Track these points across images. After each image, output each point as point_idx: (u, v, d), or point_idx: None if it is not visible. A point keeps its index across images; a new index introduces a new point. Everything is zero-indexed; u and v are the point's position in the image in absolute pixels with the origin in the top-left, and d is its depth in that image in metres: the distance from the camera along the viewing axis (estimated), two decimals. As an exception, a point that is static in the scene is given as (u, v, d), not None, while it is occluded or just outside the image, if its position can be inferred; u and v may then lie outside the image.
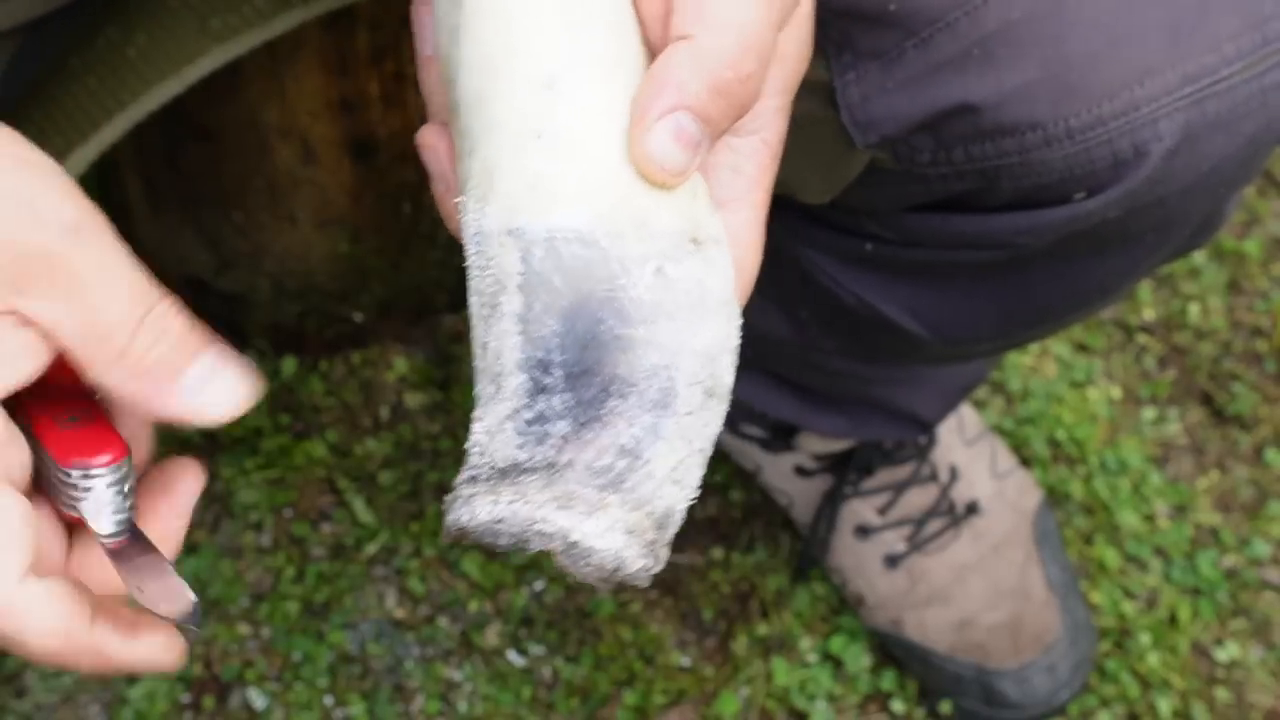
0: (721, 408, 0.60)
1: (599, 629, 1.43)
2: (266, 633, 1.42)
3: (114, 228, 0.60)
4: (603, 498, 0.57)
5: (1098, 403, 1.58)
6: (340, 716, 1.39)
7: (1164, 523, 1.52)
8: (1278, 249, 1.69)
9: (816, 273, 1.05)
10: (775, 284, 1.13)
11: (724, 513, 1.51)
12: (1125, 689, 1.42)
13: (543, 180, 0.59)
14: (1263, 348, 1.62)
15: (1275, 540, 1.51)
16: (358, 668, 1.41)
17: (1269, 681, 1.44)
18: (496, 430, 0.59)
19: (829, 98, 0.85)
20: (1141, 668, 1.44)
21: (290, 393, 1.53)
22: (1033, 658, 1.39)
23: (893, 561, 1.41)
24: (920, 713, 1.42)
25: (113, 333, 0.58)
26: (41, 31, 0.86)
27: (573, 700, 1.40)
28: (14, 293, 0.57)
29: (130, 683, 1.39)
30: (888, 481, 1.42)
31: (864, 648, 1.44)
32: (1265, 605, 1.48)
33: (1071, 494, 1.52)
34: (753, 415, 1.38)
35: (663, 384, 0.58)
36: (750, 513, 1.51)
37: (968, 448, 1.44)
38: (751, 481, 1.51)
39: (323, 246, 1.44)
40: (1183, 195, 0.87)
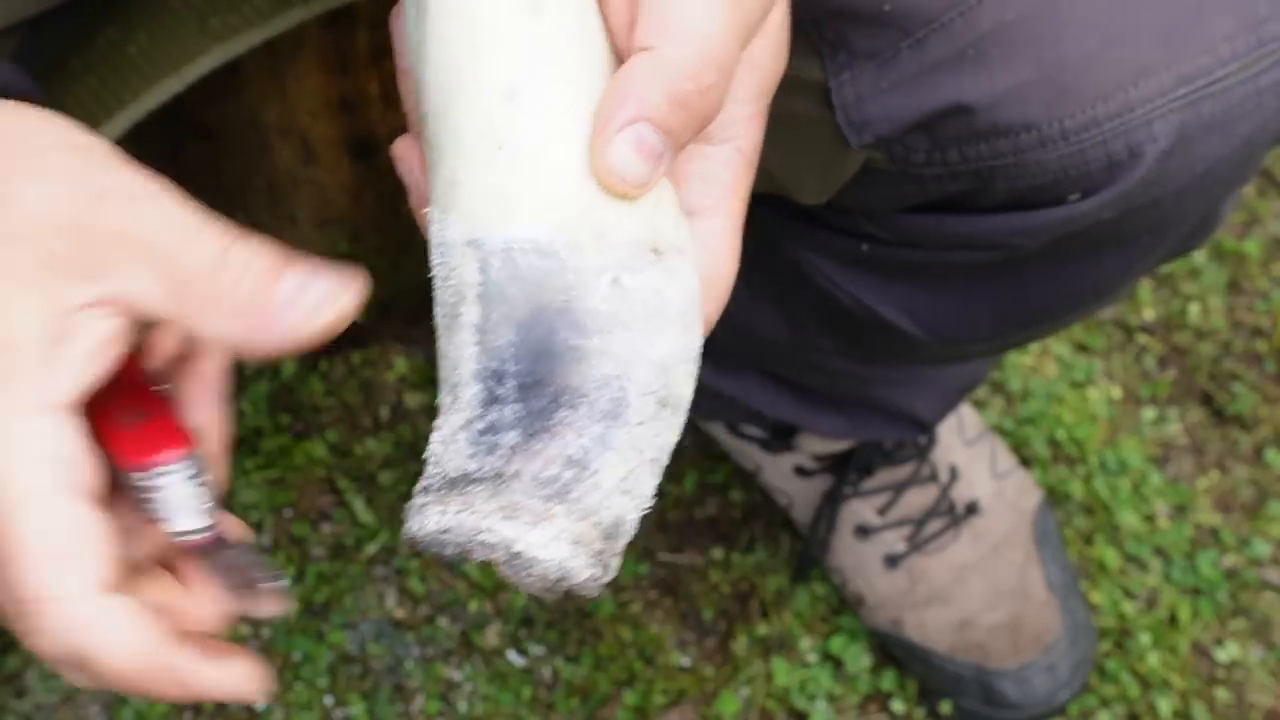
0: (677, 418, 0.60)
1: (599, 629, 1.43)
2: (266, 633, 1.42)
3: (173, 187, 0.60)
4: (548, 508, 0.57)
5: (1098, 403, 1.57)
6: (340, 716, 1.39)
7: (1164, 523, 1.51)
8: (1278, 249, 1.69)
9: (813, 273, 1.05)
10: (772, 285, 1.13)
11: (724, 513, 1.51)
12: (1125, 689, 1.42)
13: (502, 192, 0.59)
14: (1263, 348, 1.62)
15: (1275, 540, 1.51)
16: (358, 668, 1.41)
17: (1269, 681, 1.44)
18: (450, 440, 0.59)
19: (824, 98, 0.85)
20: (1141, 668, 1.43)
21: (290, 393, 1.53)
22: (1033, 658, 1.39)
23: (893, 561, 1.41)
24: (920, 713, 1.42)
25: (197, 278, 0.57)
26: (41, 30, 0.86)
27: (573, 700, 1.40)
28: (93, 279, 0.57)
29: (130, 682, 1.39)
30: (888, 482, 1.42)
31: (864, 648, 1.44)
32: (1265, 605, 1.48)
33: (1071, 494, 1.52)
34: (752, 415, 1.38)
35: (614, 394, 0.58)
36: (750, 513, 1.51)
37: (968, 448, 1.44)
38: (751, 481, 1.51)
39: (322, 246, 1.44)
40: (1178, 196, 0.87)
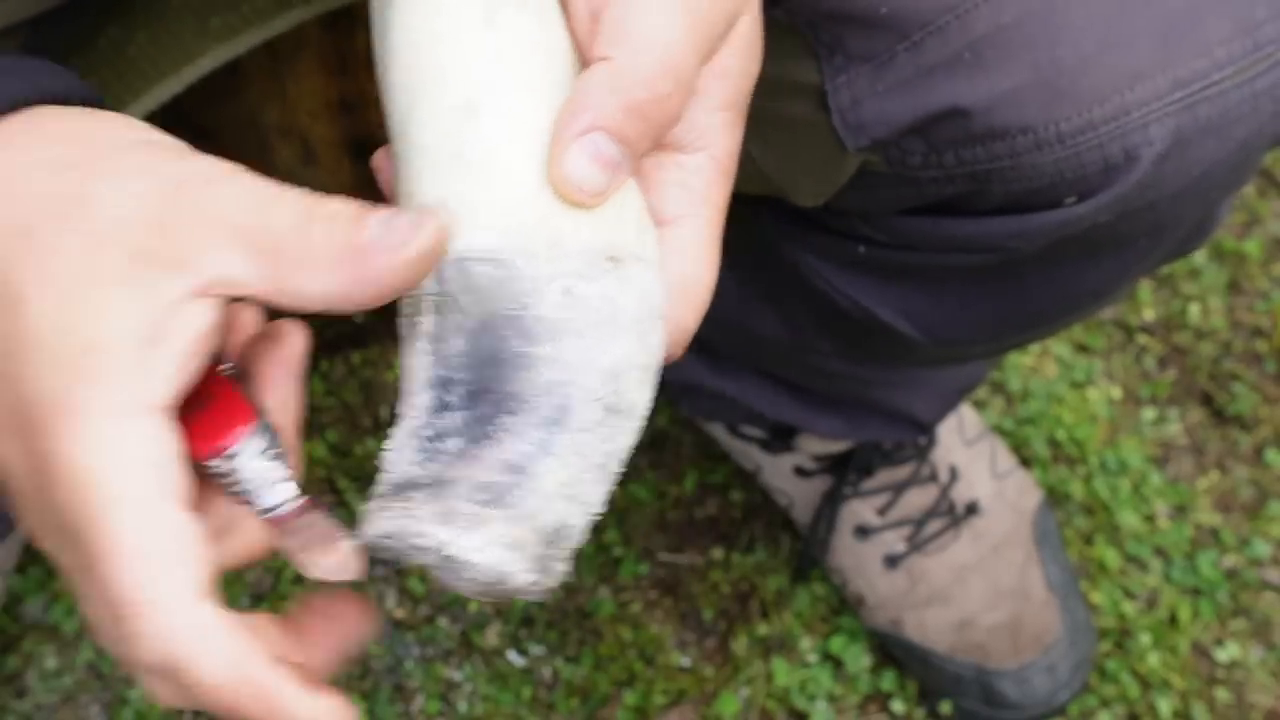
0: (628, 424, 0.60)
1: (599, 629, 1.44)
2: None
3: (243, 166, 0.59)
4: (484, 513, 0.57)
5: (1098, 403, 1.57)
6: (340, 716, 1.39)
7: (1164, 523, 1.51)
8: (1278, 249, 1.69)
9: (811, 275, 1.05)
10: (770, 287, 1.13)
11: (724, 513, 1.51)
12: (1125, 689, 1.42)
13: (458, 202, 0.59)
14: (1263, 348, 1.62)
15: (1275, 540, 1.51)
16: (358, 668, 1.41)
17: (1269, 681, 1.44)
18: (400, 447, 0.59)
19: (821, 101, 0.86)
20: (1141, 668, 1.43)
21: (291, 393, 1.53)
22: (1033, 658, 1.39)
23: (893, 562, 1.41)
24: (920, 713, 1.42)
25: (287, 241, 0.56)
26: (42, 31, 0.86)
27: (573, 700, 1.40)
28: (184, 269, 0.56)
29: (131, 682, 1.39)
30: (887, 482, 1.42)
31: (864, 648, 1.44)
32: (1265, 605, 1.48)
33: (1071, 494, 1.52)
34: (752, 416, 1.38)
35: (559, 400, 0.58)
36: (750, 513, 1.51)
37: (968, 448, 1.44)
38: (751, 481, 1.51)
39: (323, 247, 1.44)
40: (1174, 200, 0.87)
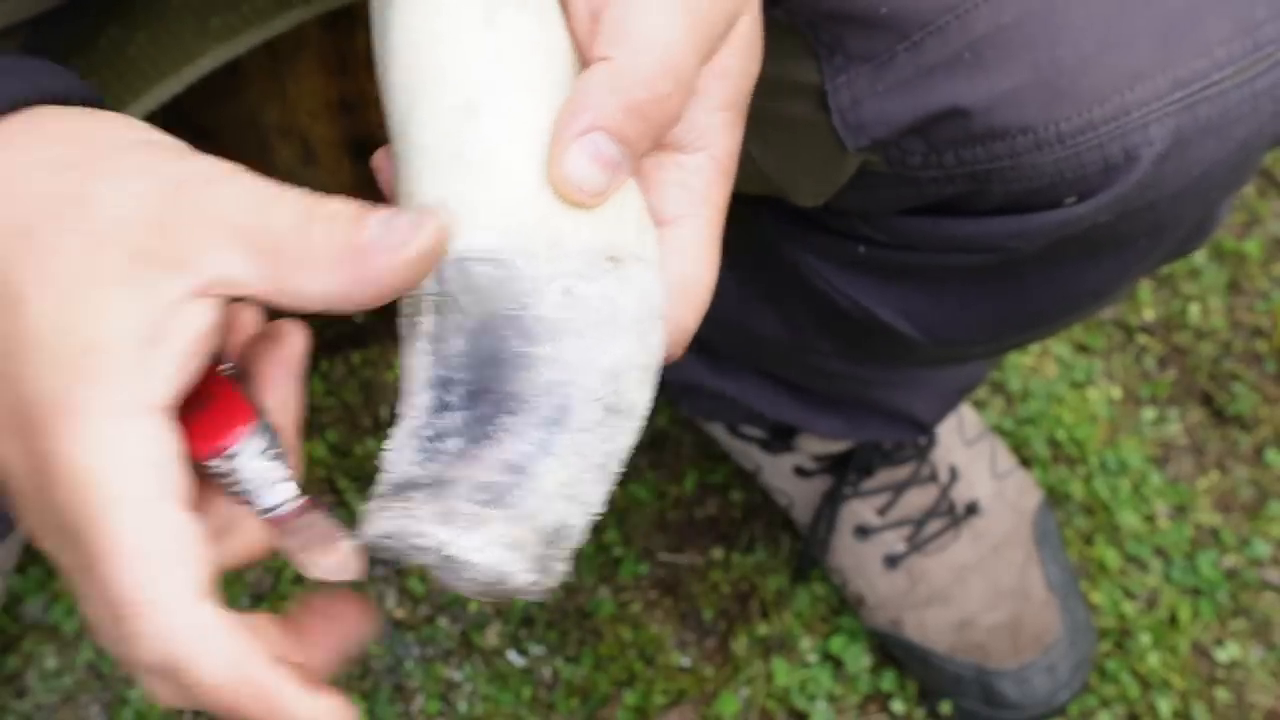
0: (628, 424, 0.60)
1: (599, 629, 1.44)
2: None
3: (243, 167, 0.59)
4: (484, 513, 0.57)
5: (1098, 403, 1.57)
6: (340, 716, 1.39)
7: (1164, 523, 1.51)
8: (1278, 249, 1.69)
9: (811, 275, 1.05)
10: (770, 286, 1.13)
11: (724, 513, 1.51)
12: (1125, 689, 1.42)
13: (458, 202, 0.59)
14: (1263, 348, 1.62)
15: (1275, 540, 1.51)
16: (358, 668, 1.41)
17: (1269, 682, 1.44)
18: (400, 447, 0.59)
19: (821, 101, 0.86)
20: (1141, 668, 1.43)
21: (291, 393, 1.53)
22: (1032, 658, 1.39)
23: (893, 562, 1.41)
24: (920, 713, 1.42)
25: (287, 241, 0.56)
26: (42, 31, 0.86)
27: (573, 700, 1.40)
28: (184, 268, 0.56)
29: (131, 682, 1.39)
30: (887, 482, 1.42)
31: (864, 648, 1.44)
32: (1265, 605, 1.48)
33: (1071, 494, 1.52)
34: (752, 416, 1.38)
35: (559, 400, 0.58)
36: (750, 513, 1.51)
37: (968, 448, 1.44)
38: (751, 481, 1.51)
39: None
40: (1174, 200, 0.87)
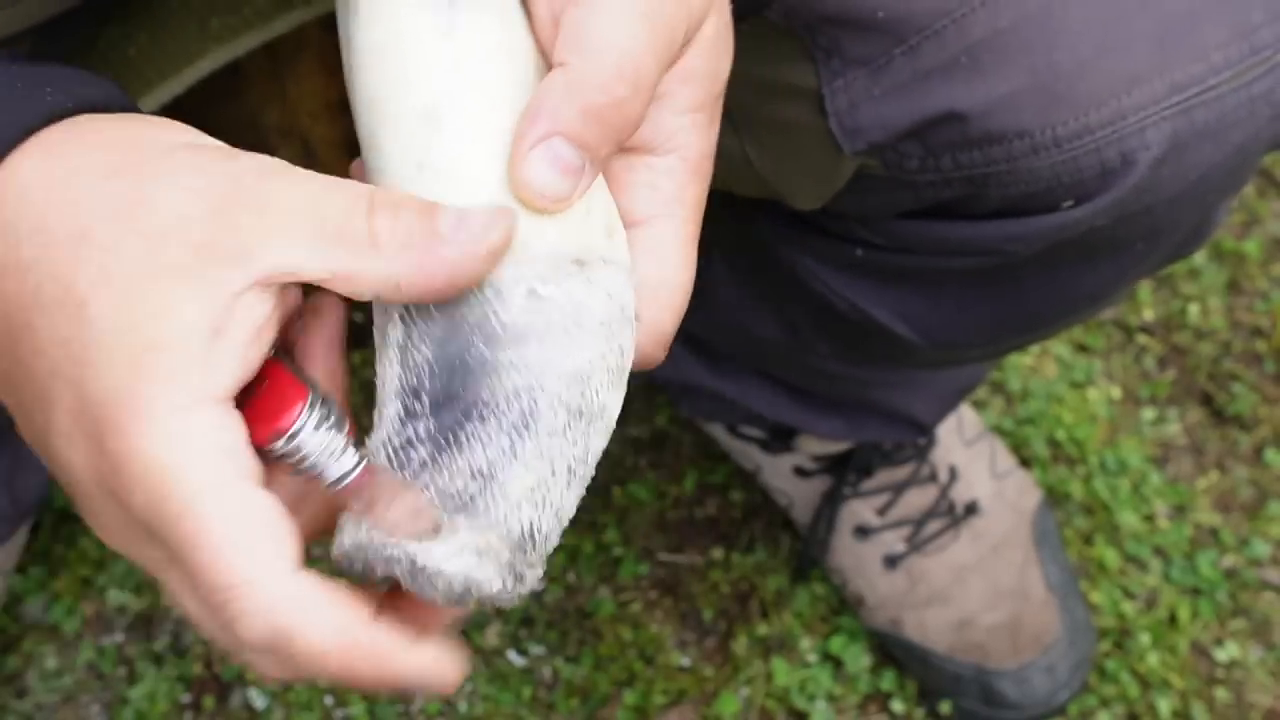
0: (596, 427, 0.60)
1: (599, 629, 1.44)
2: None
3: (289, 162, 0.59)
4: (451, 521, 0.57)
5: (1098, 403, 1.57)
6: (340, 716, 1.39)
7: (1164, 523, 1.51)
8: (1278, 249, 1.69)
9: (808, 278, 1.05)
10: (769, 289, 1.13)
11: (724, 513, 1.51)
12: (1125, 689, 1.42)
13: None
14: (1263, 348, 1.62)
15: (1275, 540, 1.51)
16: (358, 668, 1.41)
17: (1269, 681, 1.44)
18: (371, 458, 0.59)
19: (818, 105, 0.86)
20: (1141, 668, 1.43)
21: (291, 393, 1.53)
22: (1032, 658, 1.39)
23: (892, 562, 1.41)
24: (920, 713, 1.42)
25: (348, 227, 0.56)
26: (46, 35, 0.87)
27: (573, 700, 1.40)
28: (246, 260, 0.56)
29: (131, 682, 1.39)
30: (887, 482, 1.42)
31: (864, 648, 1.44)
32: (1265, 605, 1.48)
33: (1071, 494, 1.52)
34: (752, 417, 1.38)
35: (524, 406, 0.58)
36: (750, 513, 1.51)
37: (967, 448, 1.44)
38: (751, 481, 1.51)
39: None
40: (1171, 204, 0.87)
